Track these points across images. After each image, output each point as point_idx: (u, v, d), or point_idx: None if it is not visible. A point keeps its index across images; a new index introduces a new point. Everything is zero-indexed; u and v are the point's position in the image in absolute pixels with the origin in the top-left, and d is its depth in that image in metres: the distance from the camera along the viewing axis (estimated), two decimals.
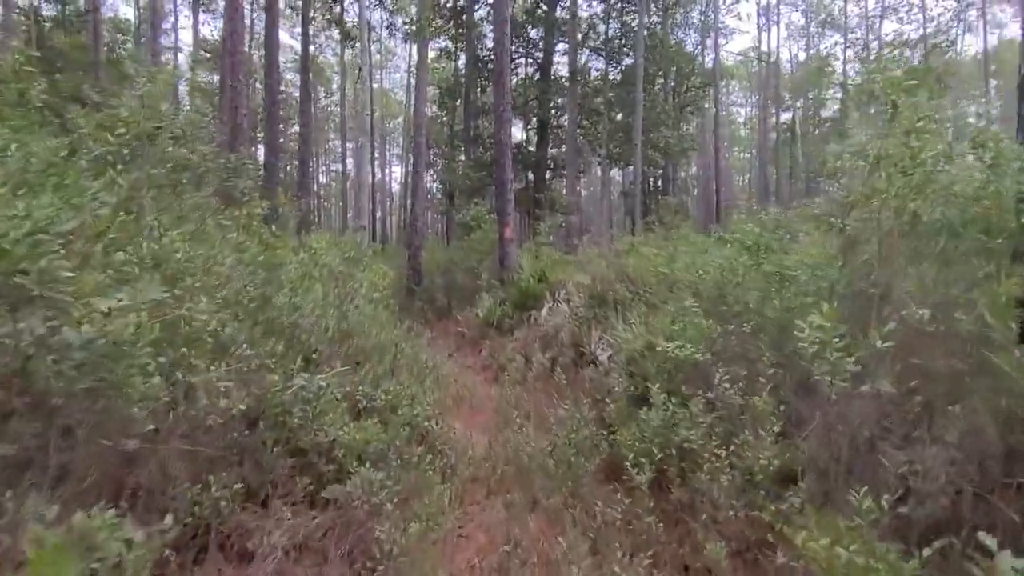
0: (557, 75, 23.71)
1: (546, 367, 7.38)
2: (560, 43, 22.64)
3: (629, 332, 5.86)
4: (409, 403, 4.50)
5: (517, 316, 10.44)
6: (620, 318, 6.83)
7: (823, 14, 43.70)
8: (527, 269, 11.67)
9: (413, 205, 14.17)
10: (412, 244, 14.15)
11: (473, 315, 10.97)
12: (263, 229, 5.92)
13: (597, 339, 7.24)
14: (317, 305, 4.26)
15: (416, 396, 4.78)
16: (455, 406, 6.65)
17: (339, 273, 5.51)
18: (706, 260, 5.75)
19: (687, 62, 22.88)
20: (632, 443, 3.82)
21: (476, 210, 13.74)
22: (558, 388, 6.51)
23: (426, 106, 14.34)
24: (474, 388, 7.41)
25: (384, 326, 6.74)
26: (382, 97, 52.81)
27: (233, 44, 14.17)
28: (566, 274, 10.80)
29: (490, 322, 10.49)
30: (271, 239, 5.49)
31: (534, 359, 8.14)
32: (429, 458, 3.92)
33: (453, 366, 9.18)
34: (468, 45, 22.64)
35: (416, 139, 13.83)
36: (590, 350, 7.13)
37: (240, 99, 14.01)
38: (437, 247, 15.82)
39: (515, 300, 10.70)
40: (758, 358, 3.59)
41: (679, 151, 21.44)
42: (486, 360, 9.07)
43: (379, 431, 3.59)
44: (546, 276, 11.21)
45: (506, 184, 11.62)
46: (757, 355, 3.61)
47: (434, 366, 7.01)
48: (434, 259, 15.08)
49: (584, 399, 5.84)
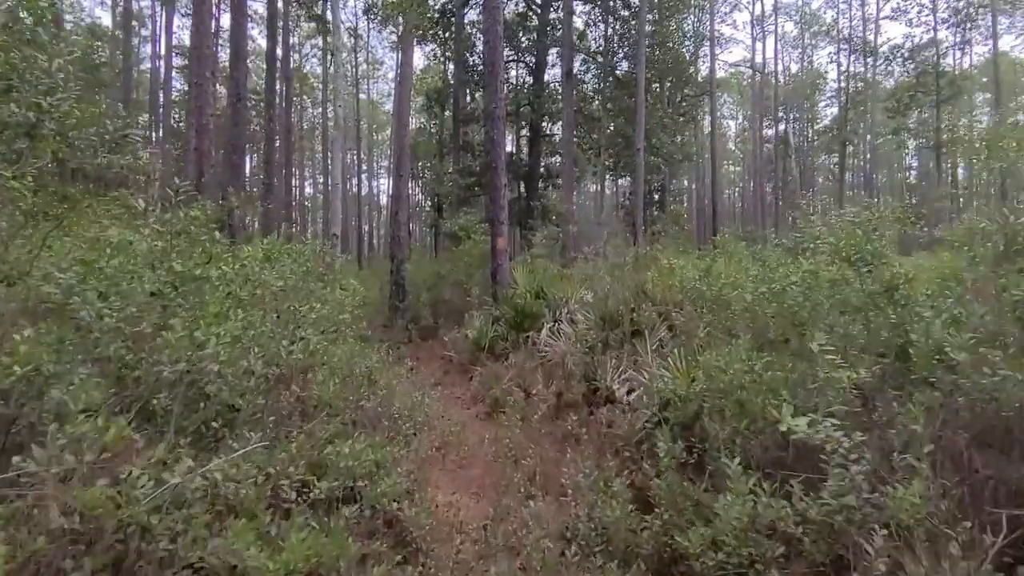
0: (550, 82, 22.65)
1: (551, 404, 6.09)
2: (554, 47, 21.57)
3: (665, 367, 4.58)
4: (372, 472, 3.19)
5: (512, 338, 9.16)
6: (646, 348, 5.55)
7: (816, 25, 43.27)
8: (522, 284, 10.40)
9: (396, 213, 12.88)
10: (395, 257, 12.84)
11: (462, 336, 9.65)
12: (206, 235, 4.63)
13: (614, 371, 5.96)
14: (240, 339, 2.96)
15: (383, 462, 3.46)
16: (440, 456, 5.34)
17: (284, 292, 4.20)
18: (758, 274, 4.51)
19: (683, 69, 21.85)
20: (703, 550, 2.53)
21: (466, 219, 12.48)
22: (568, 433, 5.22)
23: (411, 106, 13.11)
24: (464, 429, 6.09)
25: (348, 360, 5.44)
26: (370, 108, 51.69)
27: (199, 39, 12.92)
28: (567, 290, 9.54)
29: (481, 345, 9.18)
30: (215, 248, 4.21)
31: (535, 392, 6.84)
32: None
33: (439, 398, 7.87)
34: (457, 49, 21.55)
35: (399, 141, 12.59)
36: (605, 384, 5.85)
37: (205, 98, 12.73)
38: (424, 260, 14.52)
39: (510, 320, 9.42)
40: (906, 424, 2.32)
41: (679, 159, 20.32)
42: (477, 391, 7.76)
43: (312, 541, 2.28)
44: (544, 292, 9.95)
45: (499, 189, 10.38)
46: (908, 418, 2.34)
47: (414, 405, 5.68)
48: (420, 273, 13.77)
49: (607, 453, 4.56)
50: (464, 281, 12.05)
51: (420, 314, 12.46)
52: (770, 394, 2.94)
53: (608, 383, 5.83)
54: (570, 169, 16.56)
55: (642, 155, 14.86)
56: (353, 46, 42.34)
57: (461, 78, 21.24)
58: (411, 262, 14.71)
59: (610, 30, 20.35)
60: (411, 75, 13.12)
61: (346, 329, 6.19)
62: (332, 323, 5.58)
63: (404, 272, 12.90)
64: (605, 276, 10.17)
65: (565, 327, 8.33)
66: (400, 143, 12.78)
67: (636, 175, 15.30)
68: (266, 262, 5.08)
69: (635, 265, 7.88)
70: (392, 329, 12.65)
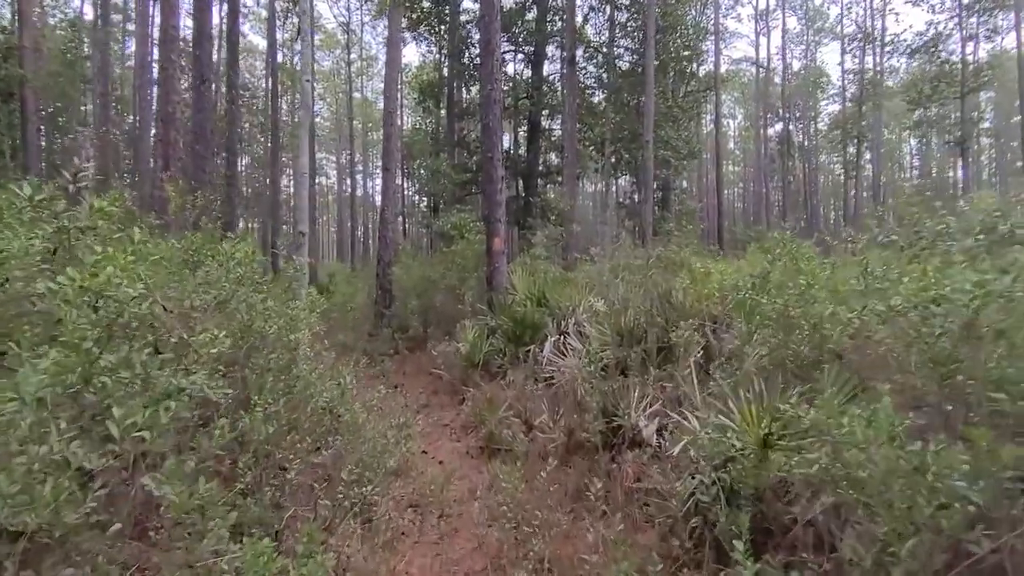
0: (550, 74, 21.46)
1: (560, 444, 4.86)
2: (553, 38, 20.37)
3: (723, 411, 3.37)
4: None
5: (511, 352, 7.93)
6: (684, 375, 4.34)
7: (820, 21, 42.21)
8: (521, 290, 9.18)
9: (383, 210, 11.64)
10: (381, 258, 11.61)
11: (453, 349, 8.41)
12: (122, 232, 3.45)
13: (639, 404, 4.73)
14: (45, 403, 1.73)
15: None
16: (416, 520, 4.10)
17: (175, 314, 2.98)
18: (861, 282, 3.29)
19: (690, 59, 20.63)
20: None
21: (459, 217, 11.25)
22: (584, 489, 3.99)
23: (402, 97, 11.88)
24: (450, 476, 4.86)
25: (304, 390, 4.22)
26: (363, 106, 50.39)
27: (165, 19, 11.69)
28: (573, 297, 8.31)
29: (475, 360, 7.95)
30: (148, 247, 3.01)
31: (539, 424, 5.62)
32: None
33: (424, 428, 6.64)
34: (451, 40, 20.36)
35: (386, 130, 11.36)
36: (629, 421, 4.62)
37: (171, 83, 11.49)
38: (413, 262, 13.26)
39: (508, 331, 8.19)
40: None
41: (687, 153, 19.10)
42: (469, 418, 6.52)
43: None
44: (546, 299, 8.72)
45: (495, 182, 9.15)
46: None
47: (385, 448, 4.45)
48: (410, 276, 12.51)
49: (639, 523, 3.36)
50: (457, 286, 10.82)
51: (408, 322, 11.22)
52: (944, 496, 1.73)
53: (633, 419, 4.60)
54: (573, 162, 15.32)
55: (651, 147, 13.65)
56: (346, 43, 41.22)
57: (455, 69, 20.04)
58: (400, 264, 13.47)
59: (615, 13, 19.07)
60: (399, 57, 11.88)
61: (308, 348, 4.99)
62: (282, 343, 4.37)
63: (391, 276, 11.68)
64: (617, 281, 8.97)
65: (573, 341, 7.10)
66: (388, 131, 11.55)
67: (645, 169, 14.05)
68: (184, 268, 3.86)
69: (654, 268, 6.65)
70: (377, 338, 11.40)
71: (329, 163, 58.05)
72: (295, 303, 5.10)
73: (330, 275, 27.66)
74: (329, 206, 61.11)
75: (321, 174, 58.33)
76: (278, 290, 5.18)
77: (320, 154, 56.50)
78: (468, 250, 10.64)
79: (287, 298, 5.54)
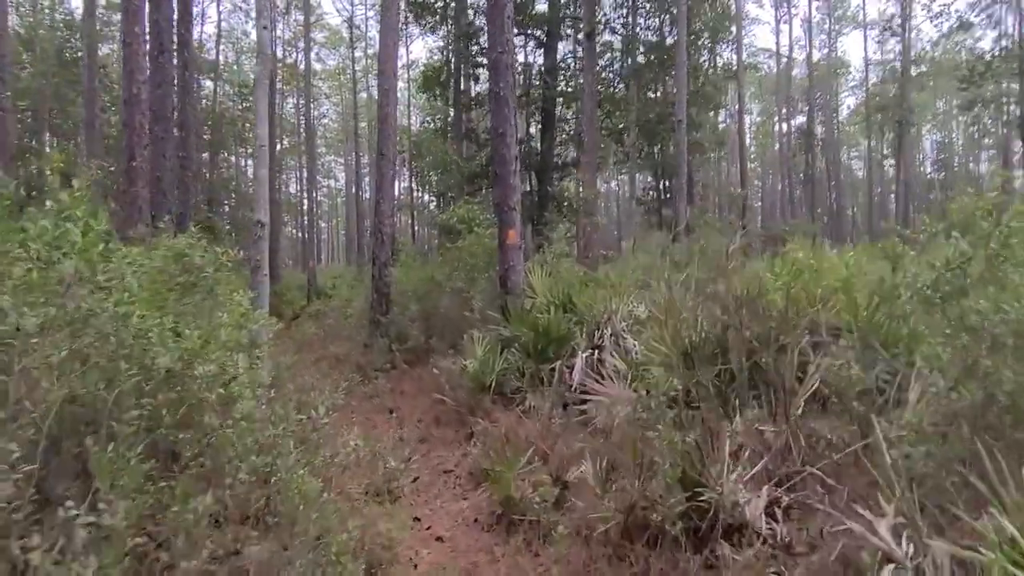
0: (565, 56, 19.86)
1: (616, 522, 3.25)
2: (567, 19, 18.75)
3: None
4: None
5: (530, 370, 6.34)
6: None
7: (840, 8, 40.32)
8: (541, 292, 7.59)
9: (378, 203, 10.09)
10: (376, 258, 10.06)
11: (459, 367, 6.82)
12: None
13: (737, 466, 3.13)
14: None
15: None
16: None
17: None
18: None
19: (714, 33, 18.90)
20: None
21: (466, 208, 9.67)
22: None
23: (397, 64, 10.35)
24: (448, 569, 3.28)
25: (227, 447, 2.68)
26: (370, 106, 48.99)
27: None
28: (606, 301, 6.70)
29: (486, 382, 6.35)
30: None
31: (575, 480, 4.03)
32: None
33: (419, 472, 5.07)
34: (457, 23, 18.86)
35: (382, 109, 9.81)
36: (721, 492, 3.00)
37: (136, 60, 10.03)
38: (414, 262, 11.69)
39: (527, 344, 6.60)
40: None
41: (716, 139, 17.39)
42: (478, 462, 4.91)
43: None
44: (573, 303, 7.13)
45: (508, 163, 7.58)
46: None
47: (348, 539, 2.87)
48: (410, 278, 10.94)
49: None
50: (465, 288, 9.24)
51: (407, 331, 9.62)
52: None
53: (728, 490, 2.98)
54: (592, 148, 13.65)
55: (684, 128, 11.99)
56: (350, 39, 39.77)
57: (462, 55, 18.51)
58: (401, 265, 11.92)
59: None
60: (396, 21, 10.35)
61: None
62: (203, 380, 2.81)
63: (388, 277, 10.12)
64: (659, 284, 7.36)
65: (613, 359, 5.50)
66: (384, 112, 10.02)
67: (679, 152, 12.33)
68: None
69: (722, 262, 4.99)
70: (372, 349, 9.84)
71: (337, 165, 56.89)
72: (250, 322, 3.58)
73: (335, 278, 26.23)
74: (338, 208, 60.02)
75: (330, 177, 57.23)
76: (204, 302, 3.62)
77: (328, 156, 55.28)
78: (477, 246, 9.04)
79: (237, 314, 3.97)
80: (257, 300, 5.05)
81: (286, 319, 16.74)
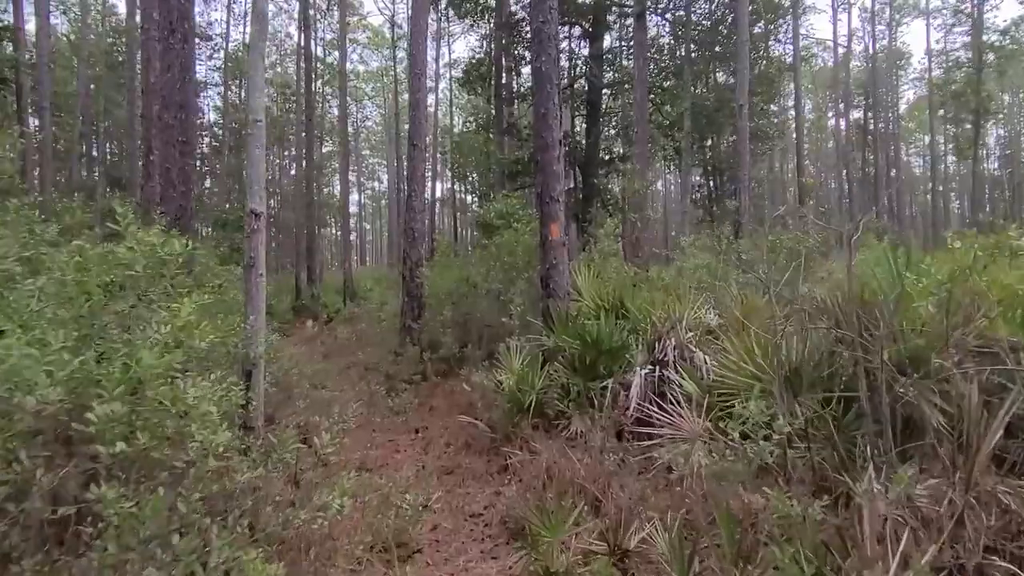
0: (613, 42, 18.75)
1: None
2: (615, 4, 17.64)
3: None
4: None
5: (577, 388, 5.33)
6: None
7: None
8: (588, 295, 6.58)
9: (409, 197, 9.25)
10: (407, 258, 9.21)
11: (494, 383, 5.86)
12: None
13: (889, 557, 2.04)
14: None
15: None
16: None
17: None
18: None
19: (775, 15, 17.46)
20: None
21: (505, 202, 8.71)
22: None
23: (427, 45, 9.51)
24: None
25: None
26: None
27: None
28: (667, 306, 5.64)
29: (524, 402, 5.37)
30: None
31: (636, 548, 3.04)
32: None
33: (441, 515, 4.13)
34: (499, 11, 18.00)
35: (413, 95, 8.97)
36: None
37: (153, 48, 9.51)
38: (449, 263, 10.80)
39: (572, 356, 5.59)
40: None
41: (776, 129, 15.97)
42: (511, 505, 3.93)
43: None
44: (626, 309, 6.09)
45: (552, 148, 6.60)
46: None
47: None
48: (443, 280, 10.05)
49: None
50: (502, 290, 8.29)
51: (440, 338, 8.73)
52: None
53: None
54: (644, 138, 12.50)
55: (746, 115, 10.75)
56: (392, 39, 39.28)
57: (503, 42, 17.61)
58: (436, 264, 11.06)
59: None
60: (426, 6, 9.48)
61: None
62: None
63: (420, 279, 9.26)
64: (729, 287, 6.28)
65: (680, 379, 4.45)
66: (415, 98, 9.17)
67: (740, 140, 11.12)
68: None
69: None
70: (402, 358, 8.99)
71: (381, 167, 57.06)
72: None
73: (375, 280, 25.68)
74: (381, 211, 60.23)
75: (374, 178, 57.43)
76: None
77: (373, 159, 55.39)
78: (516, 242, 8.08)
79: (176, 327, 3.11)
80: (251, 305, 4.21)
81: (320, 322, 16.21)
